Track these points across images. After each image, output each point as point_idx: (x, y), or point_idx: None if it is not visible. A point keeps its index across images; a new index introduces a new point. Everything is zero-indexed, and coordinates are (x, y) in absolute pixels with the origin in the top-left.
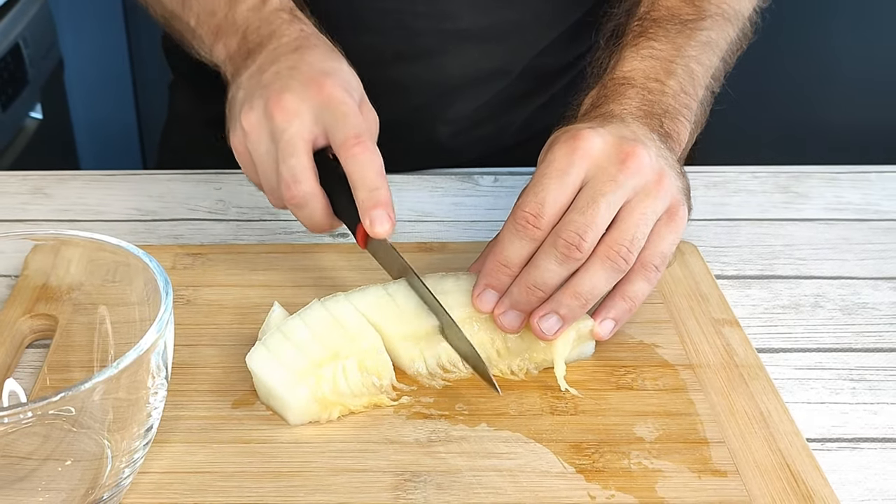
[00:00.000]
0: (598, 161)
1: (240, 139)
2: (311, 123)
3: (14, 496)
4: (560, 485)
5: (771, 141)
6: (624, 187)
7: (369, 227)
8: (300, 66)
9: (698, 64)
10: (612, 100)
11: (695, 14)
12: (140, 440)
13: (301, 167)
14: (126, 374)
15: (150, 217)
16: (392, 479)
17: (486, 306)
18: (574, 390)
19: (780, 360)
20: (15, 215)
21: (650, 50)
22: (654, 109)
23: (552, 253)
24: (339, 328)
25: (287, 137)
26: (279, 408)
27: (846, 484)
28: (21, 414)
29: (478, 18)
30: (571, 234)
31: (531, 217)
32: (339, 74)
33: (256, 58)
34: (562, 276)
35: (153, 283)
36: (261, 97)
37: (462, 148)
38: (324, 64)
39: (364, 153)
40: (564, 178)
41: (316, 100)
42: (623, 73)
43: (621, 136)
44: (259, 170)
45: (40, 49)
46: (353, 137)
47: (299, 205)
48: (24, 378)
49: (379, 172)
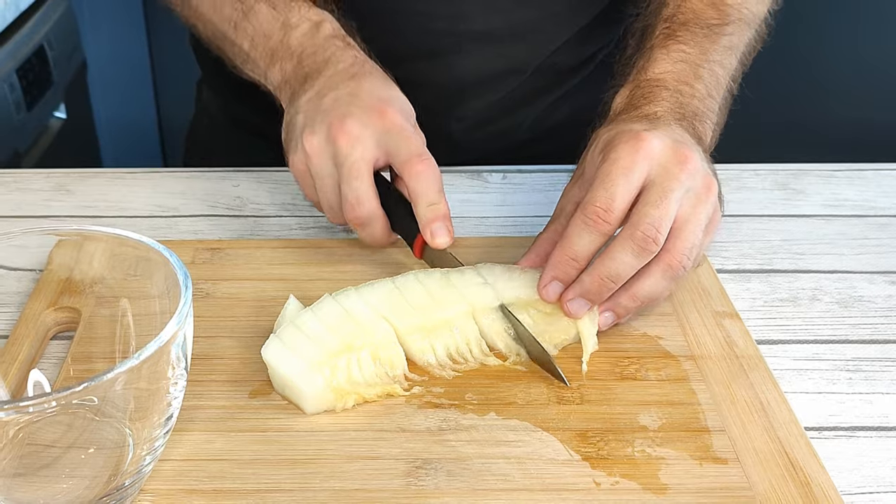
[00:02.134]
0: (660, 161)
1: (301, 160)
2: (373, 148)
3: (39, 483)
4: (566, 472)
5: (771, 140)
6: (684, 187)
7: (430, 239)
8: (359, 94)
9: (721, 67)
10: (649, 101)
11: (719, 19)
12: (161, 429)
13: (364, 189)
14: (147, 365)
15: (171, 213)
16: (404, 467)
17: (552, 296)
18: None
19: (778, 351)
20: (39, 212)
21: (680, 53)
22: (685, 112)
23: (629, 245)
24: (351, 321)
25: (351, 161)
26: (295, 397)
27: (842, 471)
28: (46, 403)
29: (493, 19)
30: (649, 227)
31: (602, 211)
32: (397, 102)
33: (314, 83)
34: (635, 268)
35: (173, 276)
36: (323, 122)
37: (476, 143)
38: (381, 92)
39: (428, 170)
40: (630, 176)
41: (378, 126)
42: (655, 74)
43: (675, 139)
44: (320, 190)
45: (64, 51)
46: (417, 157)
47: (363, 224)
48: (49, 369)
49: (439, 189)
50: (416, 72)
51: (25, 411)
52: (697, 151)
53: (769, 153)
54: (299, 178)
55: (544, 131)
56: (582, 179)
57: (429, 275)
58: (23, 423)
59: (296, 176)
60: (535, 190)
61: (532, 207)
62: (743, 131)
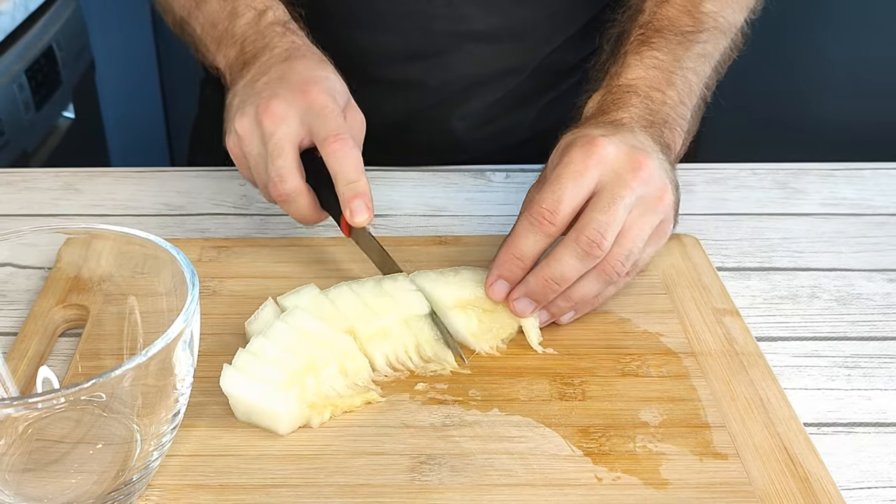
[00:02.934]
0: (613, 167)
1: (234, 142)
2: (297, 126)
3: (48, 478)
4: (568, 467)
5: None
6: (635, 194)
7: (349, 217)
8: (288, 75)
9: (695, 74)
10: (619, 106)
11: (693, 26)
12: (168, 424)
13: (287, 167)
14: (154, 362)
15: (178, 212)
16: (408, 462)
17: (498, 295)
18: (551, 349)
19: (778, 348)
20: (48, 210)
21: (653, 60)
22: (655, 119)
23: (574, 248)
24: (309, 338)
25: (275, 140)
26: (267, 421)
27: (841, 466)
28: (54, 399)
29: (492, 20)
30: (594, 232)
31: (547, 213)
32: (325, 82)
33: (251, 68)
34: (580, 271)
35: (180, 274)
36: (252, 104)
37: (477, 142)
38: (310, 73)
39: (343, 149)
40: (580, 180)
41: (302, 105)
42: (628, 80)
43: (632, 145)
44: (252, 170)
45: (73, 51)
46: (333, 135)
47: (287, 200)
48: (57, 365)
49: (357, 167)
50: (417, 72)
51: (34, 407)
52: (655, 159)
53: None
54: (234, 158)
55: (544, 129)
56: (539, 183)
57: (362, 284)
58: (32, 419)
59: (232, 158)
60: None
61: None
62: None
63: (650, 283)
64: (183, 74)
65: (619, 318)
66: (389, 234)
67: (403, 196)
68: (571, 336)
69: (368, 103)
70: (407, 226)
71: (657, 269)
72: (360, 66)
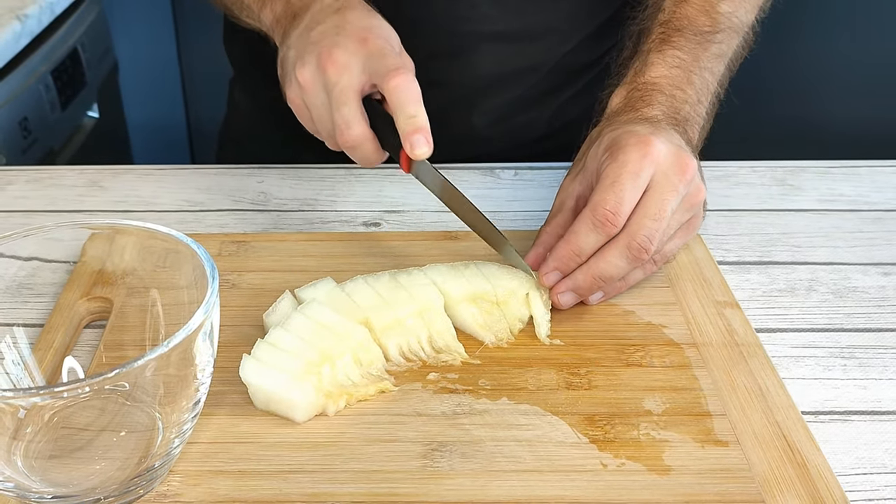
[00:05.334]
0: (664, 168)
1: (296, 93)
2: (359, 73)
3: (73, 464)
4: (575, 454)
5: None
6: (680, 195)
7: (410, 150)
8: (344, 25)
9: (711, 74)
10: (647, 103)
11: (711, 26)
12: (189, 413)
13: (353, 114)
14: (176, 352)
15: (198, 208)
16: (420, 449)
17: (551, 283)
18: (557, 341)
19: (776, 339)
20: (73, 206)
21: (675, 59)
22: (679, 117)
23: (624, 252)
24: (325, 330)
25: (339, 88)
26: (284, 409)
27: (837, 453)
28: (79, 389)
29: (511, 21)
30: (644, 239)
31: (611, 215)
32: (379, 30)
33: (302, 19)
34: (626, 271)
35: (201, 268)
36: (312, 53)
37: (495, 137)
38: (364, 21)
39: (403, 83)
40: (637, 181)
41: (362, 52)
42: (652, 77)
43: (678, 145)
44: (315, 119)
45: (97, 53)
46: (393, 70)
47: (353, 146)
48: (82, 356)
49: (416, 100)
50: (438, 71)
51: (60, 396)
52: (695, 158)
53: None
54: (297, 110)
55: (560, 126)
56: (583, 175)
57: (377, 278)
58: (58, 408)
59: (294, 109)
60: (545, 186)
61: (542, 203)
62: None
63: (654, 277)
64: (204, 75)
65: (624, 310)
66: (402, 230)
67: (415, 192)
68: (578, 327)
69: None
70: (419, 221)
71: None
72: None
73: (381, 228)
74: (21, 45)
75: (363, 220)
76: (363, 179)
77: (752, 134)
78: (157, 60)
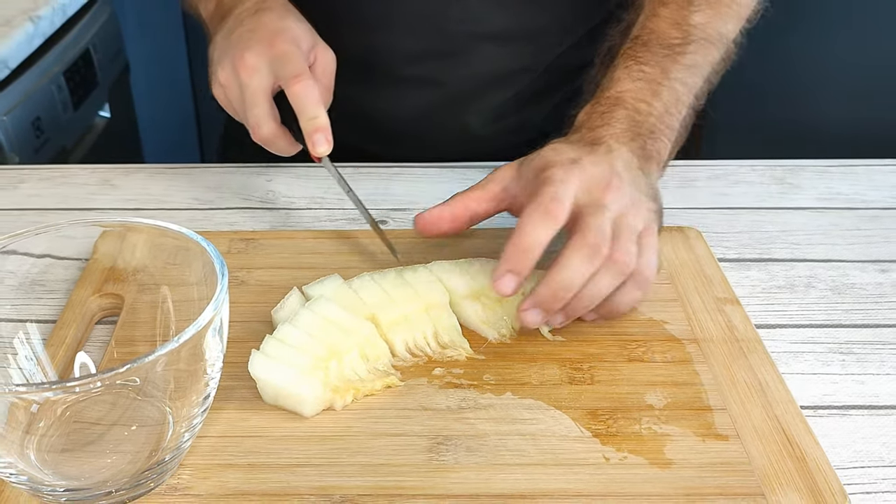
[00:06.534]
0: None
1: (220, 92)
2: (267, 75)
3: (85, 458)
4: (578, 447)
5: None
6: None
7: (311, 149)
8: (258, 28)
9: (682, 85)
10: (605, 120)
11: (681, 38)
12: (199, 407)
13: (262, 115)
14: (186, 348)
15: (208, 206)
16: (426, 443)
17: (507, 289)
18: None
19: (776, 335)
20: (85, 204)
21: (640, 73)
22: (640, 130)
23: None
24: (333, 326)
25: (250, 91)
26: (293, 404)
27: (836, 447)
28: (91, 384)
29: (505, 21)
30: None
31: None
32: (288, 32)
33: (226, 22)
34: (586, 274)
35: (210, 265)
36: (229, 57)
37: (491, 137)
38: (276, 24)
39: (303, 89)
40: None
41: (269, 54)
42: (615, 92)
43: (610, 165)
44: (238, 114)
45: (108, 54)
46: (294, 77)
47: (266, 142)
48: (94, 351)
49: (315, 102)
50: (433, 70)
51: (72, 391)
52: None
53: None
54: (223, 104)
55: (557, 125)
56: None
57: (384, 275)
58: (70, 402)
59: (221, 104)
60: None
61: None
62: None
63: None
64: None
65: None
66: (408, 227)
67: (423, 190)
68: (580, 323)
69: (388, 100)
70: None
71: (662, 260)
72: (379, 65)
73: (388, 226)
74: (34, 46)
75: None
76: (370, 178)
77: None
78: (168, 61)
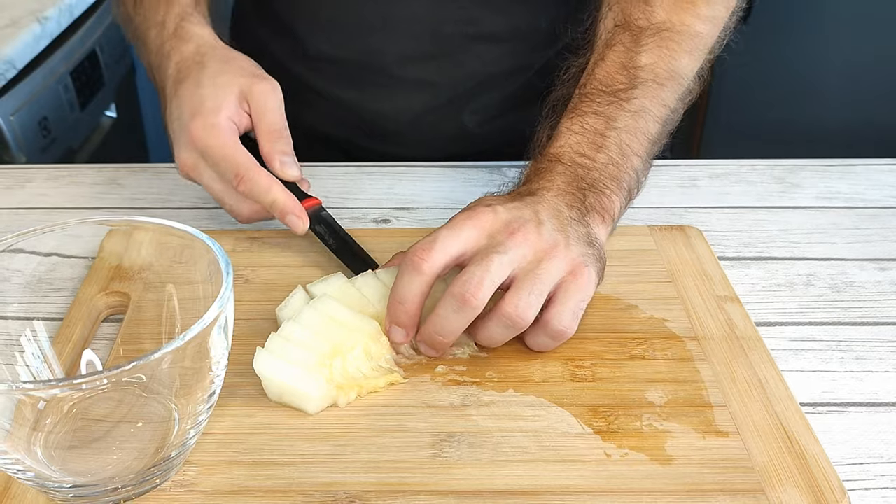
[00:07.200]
0: (490, 230)
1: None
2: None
3: (91, 454)
4: (579, 444)
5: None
6: (513, 252)
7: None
8: (182, 105)
9: (630, 134)
10: (542, 177)
11: (626, 83)
12: (204, 404)
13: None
14: (191, 346)
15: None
16: (429, 439)
17: (397, 339)
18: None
19: (776, 332)
20: (92, 203)
21: (581, 126)
22: (580, 184)
23: (451, 302)
24: (336, 324)
25: (213, 192)
26: (298, 401)
27: (835, 444)
28: (97, 381)
29: (498, 22)
30: (465, 283)
31: (420, 254)
32: (206, 102)
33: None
34: (459, 323)
35: (215, 263)
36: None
37: (487, 136)
38: (192, 102)
39: (245, 186)
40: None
41: (197, 148)
42: (554, 149)
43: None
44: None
45: (114, 55)
46: (235, 178)
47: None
48: (100, 349)
49: (266, 189)
50: (428, 71)
51: (79, 388)
52: (542, 224)
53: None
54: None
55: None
56: None
57: (387, 273)
58: (76, 399)
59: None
60: None
61: None
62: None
63: (656, 273)
64: None
65: (627, 304)
66: (412, 226)
67: (425, 190)
68: (581, 321)
69: (383, 101)
70: (428, 218)
71: (663, 259)
72: (376, 66)
73: (391, 225)
74: (41, 47)
75: (373, 217)
76: (373, 177)
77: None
78: None
